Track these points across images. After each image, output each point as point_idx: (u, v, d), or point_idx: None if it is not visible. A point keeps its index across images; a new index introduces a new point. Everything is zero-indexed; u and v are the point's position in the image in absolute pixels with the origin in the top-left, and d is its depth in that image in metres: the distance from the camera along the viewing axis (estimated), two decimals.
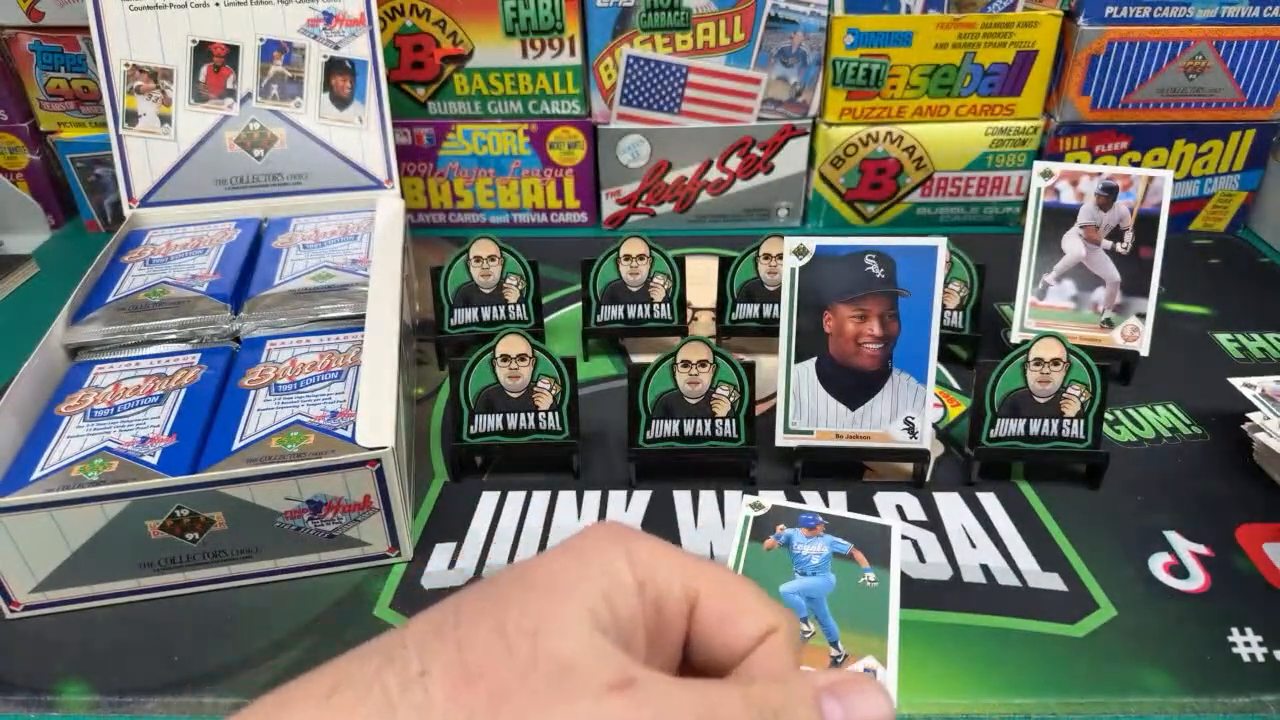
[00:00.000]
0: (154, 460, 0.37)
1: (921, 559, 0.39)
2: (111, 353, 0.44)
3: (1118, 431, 0.47)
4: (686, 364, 0.41)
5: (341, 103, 0.56)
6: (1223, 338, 0.55)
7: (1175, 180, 0.59)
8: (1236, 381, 0.49)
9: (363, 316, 0.44)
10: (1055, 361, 0.41)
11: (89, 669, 0.35)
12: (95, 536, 0.35)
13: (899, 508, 0.42)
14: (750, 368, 0.41)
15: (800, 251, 0.42)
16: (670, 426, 0.42)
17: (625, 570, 0.19)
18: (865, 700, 0.19)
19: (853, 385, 0.42)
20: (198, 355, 0.43)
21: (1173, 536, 0.40)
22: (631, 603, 0.19)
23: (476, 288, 0.51)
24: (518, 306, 0.51)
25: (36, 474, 0.36)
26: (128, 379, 0.41)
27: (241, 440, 0.38)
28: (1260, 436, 0.43)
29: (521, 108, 0.64)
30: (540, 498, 0.43)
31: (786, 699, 0.18)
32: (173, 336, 0.45)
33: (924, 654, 0.35)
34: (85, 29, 0.57)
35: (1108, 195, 0.50)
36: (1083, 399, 0.42)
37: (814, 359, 0.42)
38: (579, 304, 0.53)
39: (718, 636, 0.20)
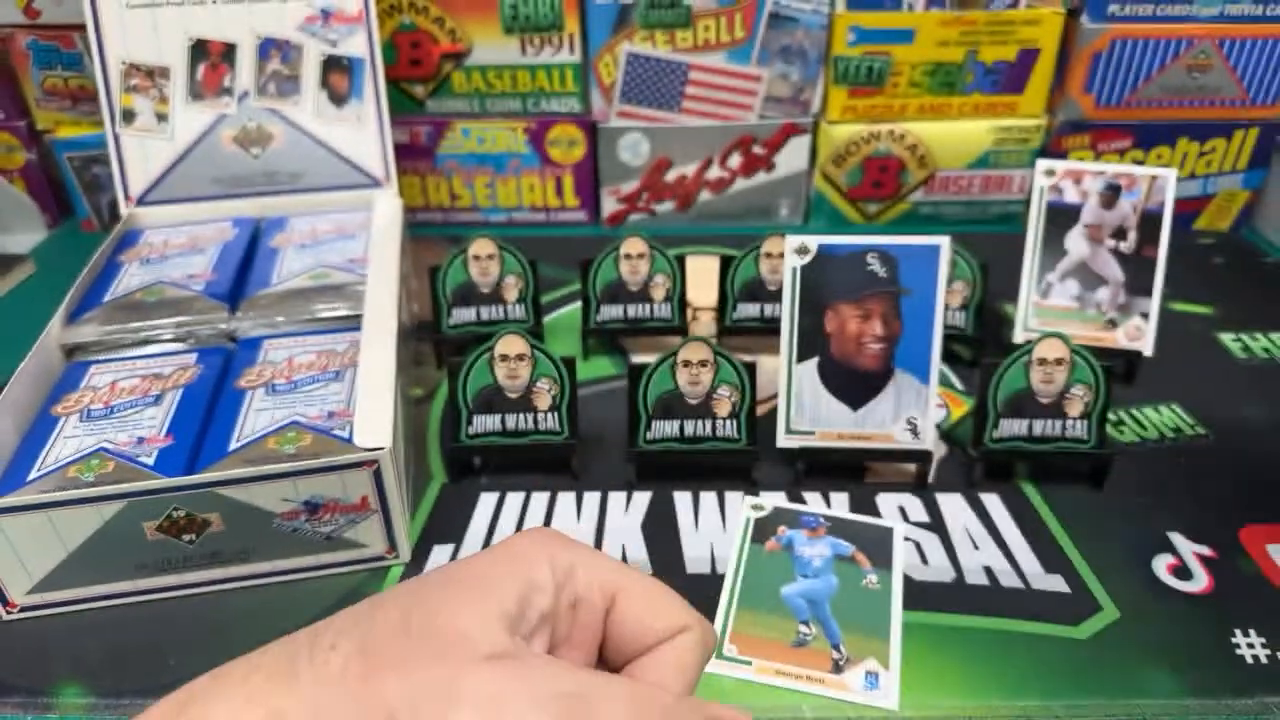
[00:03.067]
0: (150, 461, 0.36)
1: (924, 561, 0.39)
2: (108, 352, 0.44)
3: (1121, 432, 0.47)
4: (687, 364, 0.41)
5: (339, 101, 0.56)
6: (1227, 337, 0.55)
7: (1179, 179, 0.59)
8: None
9: (360, 316, 0.44)
10: (1059, 361, 0.41)
11: (86, 671, 0.35)
12: (92, 538, 0.35)
13: (901, 509, 0.41)
14: (751, 368, 0.41)
15: (802, 250, 0.41)
16: (671, 427, 0.42)
17: (545, 572, 0.20)
18: None
19: (855, 385, 0.42)
20: (194, 355, 0.43)
21: (1176, 538, 0.40)
22: (544, 603, 0.20)
23: (475, 287, 0.51)
24: (517, 306, 0.51)
25: (33, 475, 0.36)
26: (124, 379, 0.41)
27: (238, 441, 0.37)
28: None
29: (520, 105, 0.64)
30: (539, 499, 0.42)
31: (678, 708, 0.20)
32: (169, 336, 0.45)
33: (926, 656, 0.34)
34: (82, 27, 0.57)
35: (1111, 194, 0.50)
36: (1086, 399, 0.41)
37: (816, 359, 0.42)
38: (578, 303, 0.52)
39: (631, 633, 0.21)
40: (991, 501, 0.42)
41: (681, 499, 0.42)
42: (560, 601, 0.20)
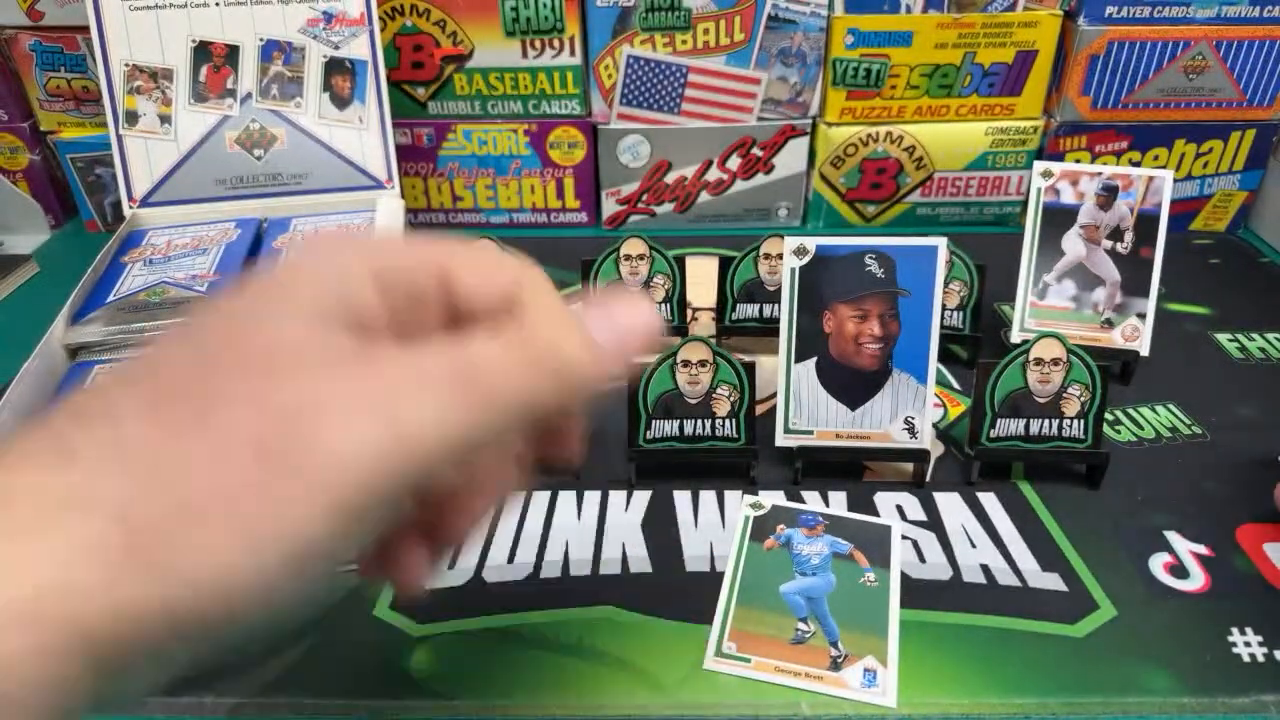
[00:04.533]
0: None
1: (922, 559, 0.39)
2: (111, 353, 0.44)
3: (1118, 431, 0.47)
4: (686, 364, 0.41)
5: (341, 103, 0.56)
6: (1223, 337, 0.55)
7: (1175, 180, 0.59)
8: None
9: None
10: (1055, 361, 0.41)
11: None
12: None
13: (899, 507, 0.42)
14: (750, 368, 0.41)
15: (800, 251, 0.42)
16: (670, 426, 0.42)
17: (356, 262, 0.17)
18: (629, 309, 0.19)
19: (853, 385, 0.42)
20: None
21: (1173, 536, 0.40)
22: (367, 293, 0.17)
23: None
24: None
25: None
26: None
27: None
28: None
29: (521, 108, 0.64)
30: (540, 498, 0.43)
31: (553, 328, 0.18)
32: None
33: (924, 654, 0.35)
34: (85, 29, 0.57)
35: (1108, 195, 0.50)
36: (1083, 399, 0.42)
37: (814, 359, 0.42)
38: (579, 304, 0.53)
39: (478, 295, 0.19)
40: (989, 500, 0.42)
41: (681, 498, 0.42)
42: (387, 288, 0.17)
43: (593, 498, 0.42)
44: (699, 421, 0.42)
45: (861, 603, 0.36)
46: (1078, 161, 0.64)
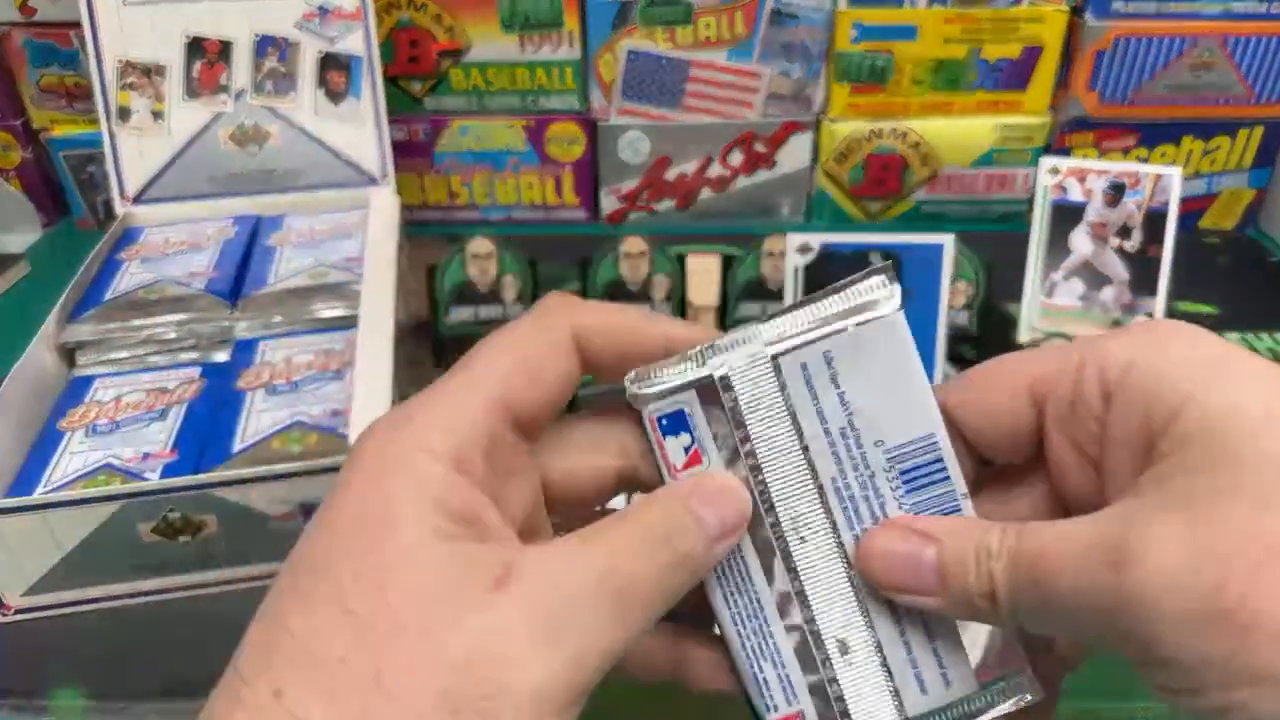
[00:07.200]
0: (155, 476, 0.36)
1: None
2: (109, 353, 0.43)
3: None
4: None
5: (336, 98, 0.56)
6: (1232, 337, 0.54)
7: (1183, 178, 0.59)
8: None
9: (357, 315, 0.44)
10: None
11: (82, 673, 0.34)
12: (87, 539, 0.35)
13: None
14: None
15: (804, 249, 0.41)
16: None
17: (431, 461, 0.17)
18: (726, 501, 0.19)
19: None
20: (198, 369, 0.43)
21: None
22: (472, 457, 0.17)
23: (473, 286, 0.50)
24: (515, 305, 0.51)
25: (39, 490, 0.36)
26: (128, 394, 0.41)
27: (242, 442, 0.37)
28: None
29: (519, 103, 0.64)
30: None
31: (667, 518, 0.18)
32: (171, 335, 0.44)
33: None
34: (78, 25, 0.57)
35: (1115, 192, 0.49)
36: None
37: None
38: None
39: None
40: None
41: None
42: (495, 447, 0.18)
43: None
44: None
45: None
46: (1085, 158, 0.63)
